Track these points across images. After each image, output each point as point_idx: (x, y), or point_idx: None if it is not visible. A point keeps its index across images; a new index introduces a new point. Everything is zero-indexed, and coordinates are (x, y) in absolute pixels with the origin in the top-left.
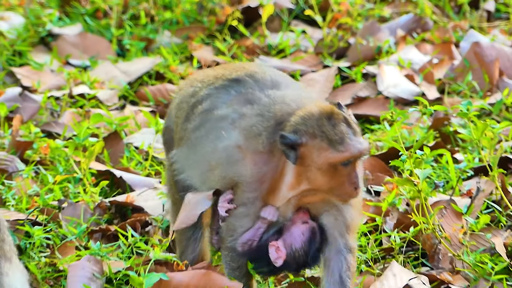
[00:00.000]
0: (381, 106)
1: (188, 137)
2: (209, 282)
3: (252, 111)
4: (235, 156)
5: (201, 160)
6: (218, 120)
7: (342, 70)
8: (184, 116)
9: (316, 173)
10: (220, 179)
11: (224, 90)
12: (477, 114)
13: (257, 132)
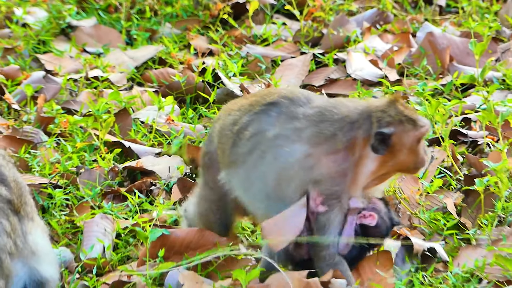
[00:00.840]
0: (349, 86)
1: (242, 160)
2: (201, 238)
3: (306, 123)
4: (309, 164)
5: (264, 179)
6: (271, 140)
7: (316, 56)
8: (231, 143)
9: (404, 155)
10: (299, 189)
11: (264, 114)
12: (431, 93)
13: (329, 134)
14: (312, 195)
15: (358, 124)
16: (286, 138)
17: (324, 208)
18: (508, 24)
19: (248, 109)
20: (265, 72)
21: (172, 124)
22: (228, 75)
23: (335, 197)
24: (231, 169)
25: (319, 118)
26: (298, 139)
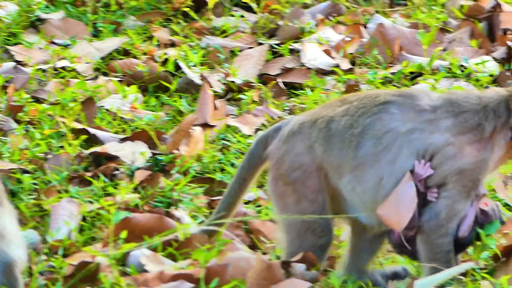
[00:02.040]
0: (304, 75)
1: (375, 160)
2: (161, 224)
3: (442, 114)
4: (451, 153)
5: (402, 173)
6: (405, 135)
7: (273, 46)
8: (355, 146)
9: None
10: (439, 178)
11: (385, 113)
12: (381, 81)
13: (474, 124)
14: (419, 173)
15: (498, 113)
16: (422, 131)
17: (435, 199)
18: (454, 15)
19: (361, 112)
20: (224, 62)
21: (136, 112)
22: (189, 65)
23: (475, 186)
24: (357, 172)
25: (457, 109)
26: (437, 129)
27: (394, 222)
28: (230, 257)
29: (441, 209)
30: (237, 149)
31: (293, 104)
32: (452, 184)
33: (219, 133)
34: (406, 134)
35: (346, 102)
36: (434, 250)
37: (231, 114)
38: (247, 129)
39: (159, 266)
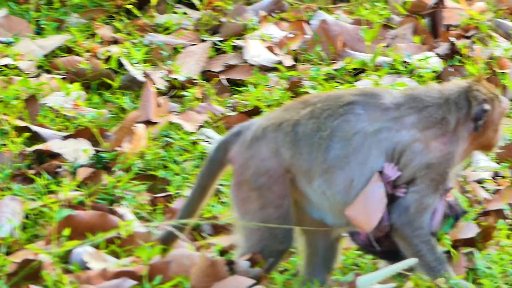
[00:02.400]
0: (246, 72)
1: (346, 162)
2: (104, 222)
3: (406, 110)
4: (418, 149)
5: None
6: (373, 135)
7: (216, 43)
8: (324, 149)
9: (491, 131)
10: (409, 175)
11: (350, 114)
12: (324, 78)
13: (438, 118)
14: (389, 176)
15: (460, 105)
16: (389, 129)
17: (404, 194)
18: (397, 11)
19: (327, 114)
20: (167, 59)
21: (78, 109)
22: (132, 62)
23: (443, 179)
24: (328, 175)
25: (420, 104)
26: (403, 126)
27: (363, 223)
28: (173, 254)
29: (410, 204)
30: (180, 146)
31: (236, 101)
32: (420, 179)
33: (162, 130)
34: (374, 134)
35: (309, 104)
36: (414, 242)
37: (174, 111)
38: (190, 126)
39: (102, 264)
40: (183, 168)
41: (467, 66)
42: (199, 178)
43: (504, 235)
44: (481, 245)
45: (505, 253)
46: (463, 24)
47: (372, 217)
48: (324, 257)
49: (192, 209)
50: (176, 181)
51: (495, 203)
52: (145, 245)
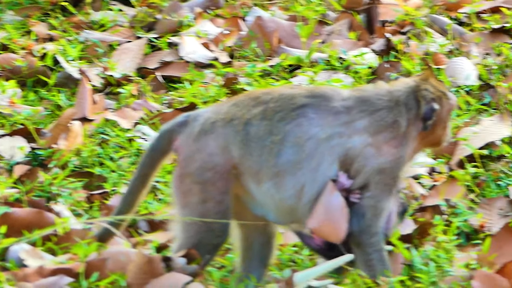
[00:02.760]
0: (182, 69)
1: (298, 167)
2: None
3: (357, 114)
4: (369, 154)
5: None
6: (325, 141)
7: (151, 40)
8: (276, 153)
9: (440, 129)
10: (362, 180)
11: (302, 118)
12: (260, 74)
13: (390, 121)
14: (343, 184)
15: (409, 106)
16: (341, 135)
17: (358, 200)
18: (333, 7)
19: (280, 117)
20: (103, 56)
21: (14, 107)
22: (68, 60)
23: (396, 183)
24: (278, 179)
25: (371, 108)
26: (354, 131)
27: (331, 235)
28: (110, 251)
29: (366, 210)
30: (116, 143)
31: (171, 97)
32: (374, 184)
33: (98, 127)
34: (326, 140)
35: (260, 102)
36: (367, 250)
37: (110, 108)
38: (126, 123)
39: (39, 261)
40: (119, 165)
41: (403, 62)
42: (140, 167)
43: (440, 231)
44: (418, 241)
45: (441, 249)
46: (398, 20)
47: (339, 228)
48: (260, 252)
49: (132, 200)
50: (112, 178)
51: (432, 199)
52: (82, 242)
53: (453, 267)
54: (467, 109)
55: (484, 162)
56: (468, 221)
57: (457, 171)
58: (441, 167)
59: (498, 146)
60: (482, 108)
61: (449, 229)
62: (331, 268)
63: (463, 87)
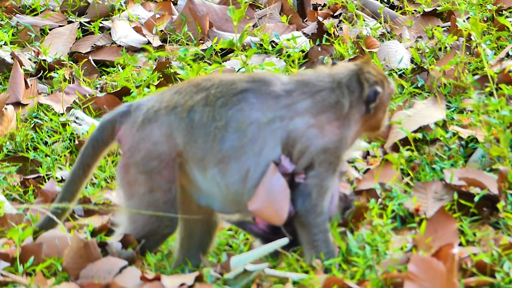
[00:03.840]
0: (115, 53)
1: (242, 152)
2: None
3: (299, 96)
4: (312, 134)
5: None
6: (267, 124)
7: (83, 24)
8: (220, 139)
9: (381, 113)
10: (306, 161)
11: (244, 103)
12: (192, 58)
13: (332, 102)
14: (286, 166)
15: (352, 88)
16: (282, 118)
17: (303, 180)
18: None
19: (221, 102)
20: (35, 40)
21: None
22: (0, 44)
23: (338, 162)
24: (222, 165)
25: (313, 89)
26: (296, 114)
27: (272, 217)
28: (46, 236)
29: (312, 189)
30: (50, 127)
31: (104, 81)
32: (318, 163)
33: (31, 112)
34: (268, 124)
35: (201, 89)
36: (313, 231)
37: (43, 92)
38: (59, 107)
39: None
40: (53, 149)
41: (336, 45)
42: (82, 157)
43: (375, 214)
44: (354, 225)
45: (377, 232)
46: (330, 3)
47: (280, 210)
48: (200, 241)
49: (73, 189)
50: (47, 163)
51: (366, 183)
52: (17, 227)
53: (389, 251)
54: (401, 92)
55: (418, 145)
56: (403, 204)
57: (392, 155)
58: (375, 150)
59: (432, 130)
60: (415, 92)
61: (384, 213)
62: (267, 252)
63: (396, 70)
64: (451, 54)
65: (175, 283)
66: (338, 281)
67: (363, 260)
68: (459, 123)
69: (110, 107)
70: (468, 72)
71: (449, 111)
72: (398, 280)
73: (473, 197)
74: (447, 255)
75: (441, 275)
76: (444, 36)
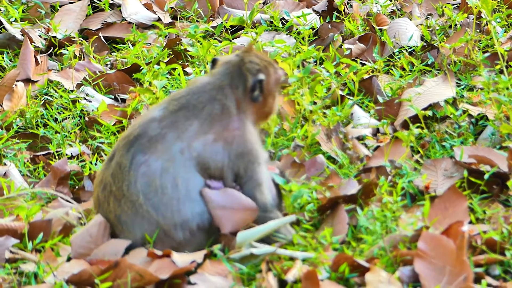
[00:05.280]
0: (125, 29)
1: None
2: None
3: (187, 122)
4: (219, 148)
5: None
6: (171, 166)
7: (93, 1)
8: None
9: (270, 100)
10: (230, 174)
11: (143, 166)
12: (202, 35)
13: (218, 111)
14: (217, 187)
15: (235, 85)
16: (181, 151)
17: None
18: None
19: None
20: (45, 17)
21: None
22: (10, 21)
23: (258, 155)
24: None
25: (194, 111)
26: (190, 140)
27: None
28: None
29: (252, 193)
30: (60, 104)
31: (114, 58)
32: (243, 170)
33: (41, 88)
34: (172, 164)
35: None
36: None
37: (53, 69)
38: (69, 84)
39: None
40: (63, 126)
41: (345, 22)
42: None
43: (385, 192)
44: (363, 201)
45: (387, 209)
46: None
47: (249, 208)
48: None
49: None
50: (57, 139)
51: (376, 160)
52: (25, 203)
53: (399, 228)
54: (411, 70)
55: (428, 123)
56: (413, 182)
57: (402, 132)
58: (385, 128)
59: (442, 107)
60: (425, 69)
61: (394, 190)
62: (275, 228)
63: (406, 47)
64: (461, 32)
65: (185, 260)
66: (348, 258)
67: (372, 237)
68: (469, 101)
69: (120, 84)
70: (478, 50)
71: (459, 89)
72: (408, 257)
73: (483, 174)
74: (457, 233)
75: (451, 252)
76: (454, 13)
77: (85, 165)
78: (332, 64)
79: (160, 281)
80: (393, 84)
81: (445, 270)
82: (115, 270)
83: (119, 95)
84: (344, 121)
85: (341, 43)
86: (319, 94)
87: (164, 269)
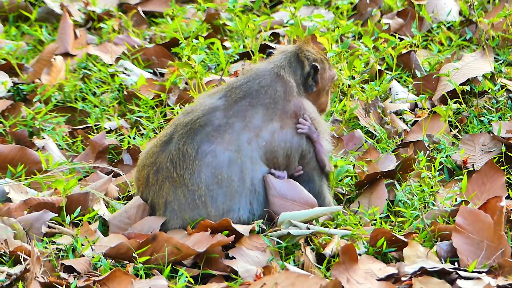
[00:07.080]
0: (164, 4)
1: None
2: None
3: (253, 110)
4: (285, 135)
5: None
6: (238, 157)
7: None
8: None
9: (324, 96)
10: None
11: (208, 156)
12: (241, 10)
13: (281, 93)
14: (281, 176)
15: (293, 69)
16: (249, 141)
17: (300, 169)
18: None
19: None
20: None
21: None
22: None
23: (322, 128)
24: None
25: (259, 94)
26: (257, 129)
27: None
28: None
29: (312, 174)
30: (98, 78)
31: (153, 33)
32: (307, 151)
33: (80, 62)
34: (239, 155)
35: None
36: (326, 189)
37: (92, 43)
38: (108, 58)
39: (23, 196)
40: (101, 100)
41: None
42: None
43: (423, 166)
44: (401, 176)
45: (425, 184)
46: None
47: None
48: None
49: None
50: (95, 113)
51: (414, 135)
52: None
53: (437, 202)
54: (449, 45)
55: (466, 98)
56: (451, 157)
57: (440, 107)
58: (423, 103)
59: (480, 82)
60: (463, 44)
61: (432, 165)
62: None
63: (445, 23)
64: (499, 7)
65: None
66: (386, 233)
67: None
68: (507, 76)
69: (158, 58)
70: None
71: (497, 64)
72: (446, 232)
73: None
74: (494, 208)
75: (488, 227)
76: None
77: (123, 139)
78: (371, 39)
79: (197, 255)
80: (431, 59)
81: (482, 244)
82: (152, 244)
83: (157, 69)
84: (382, 96)
85: (380, 18)
86: (358, 68)
87: (202, 243)
